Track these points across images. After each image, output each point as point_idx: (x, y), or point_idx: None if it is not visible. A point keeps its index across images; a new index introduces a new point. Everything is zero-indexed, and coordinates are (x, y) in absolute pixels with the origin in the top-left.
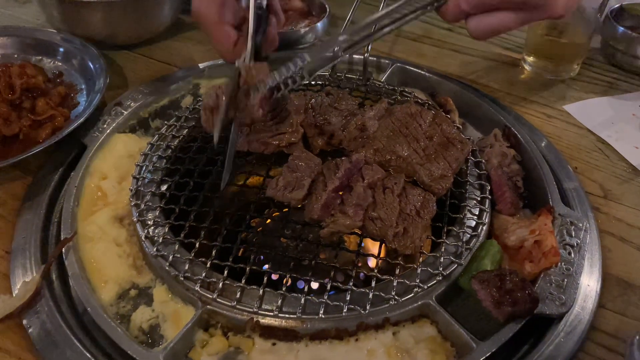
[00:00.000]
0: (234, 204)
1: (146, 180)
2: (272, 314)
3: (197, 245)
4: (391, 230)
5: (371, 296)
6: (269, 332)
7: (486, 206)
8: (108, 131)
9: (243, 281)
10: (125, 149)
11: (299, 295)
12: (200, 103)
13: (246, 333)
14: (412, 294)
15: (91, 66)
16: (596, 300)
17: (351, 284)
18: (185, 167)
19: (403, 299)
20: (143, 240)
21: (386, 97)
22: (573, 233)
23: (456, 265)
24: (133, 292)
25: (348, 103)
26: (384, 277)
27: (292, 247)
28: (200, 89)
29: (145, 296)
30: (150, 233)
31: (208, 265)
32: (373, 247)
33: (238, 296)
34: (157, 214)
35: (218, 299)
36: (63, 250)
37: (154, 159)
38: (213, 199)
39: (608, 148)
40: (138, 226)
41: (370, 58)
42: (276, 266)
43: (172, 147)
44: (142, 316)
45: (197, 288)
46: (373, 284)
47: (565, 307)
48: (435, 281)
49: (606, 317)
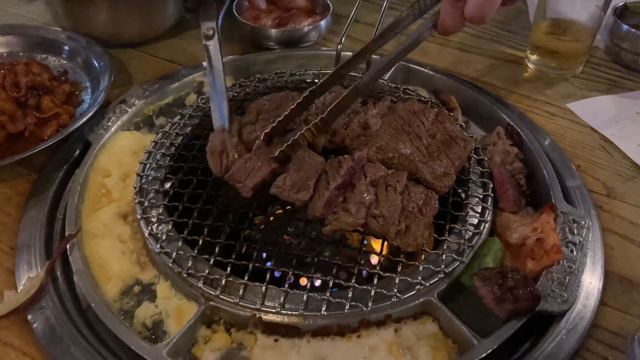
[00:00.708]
0: (237, 201)
1: (150, 177)
2: (275, 311)
3: (201, 242)
4: (393, 227)
5: (373, 293)
6: (272, 329)
7: (488, 204)
8: (112, 129)
9: (246, 278)
10: (129, 147)
11: (302, 292)
12: (203, 100)
13: (249, 329)
14: (414, 291)
15: (96, 64)
16: (598, 297)
17: (353, 281)
18: (188, 165)
19: (405, 296)
20: (147, 237)
21: (389, 95)
22: (575, 231)
23: (458, 262)
24: (137, 288)
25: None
26: (386, 274)
27: (295, 245)
28: (204, 87)
29: (148, 292)
30: (154, 230)
31: (211, 262)
32: (375, 245)
33: (241, 293)
34: (161, 211)
35: (221, 296)
36: (67, 246)
37: (158, 157)
38: (216, 197)
39: (611, 146)
40: (142, 223)
41: (373, 56)
42: (279, 263)
43: (176, 145)
44: (146, 312)
45: (200, 285)
46: (375, 281)
47: (567, 305)
48: (437, 278)
49: (608, 315)
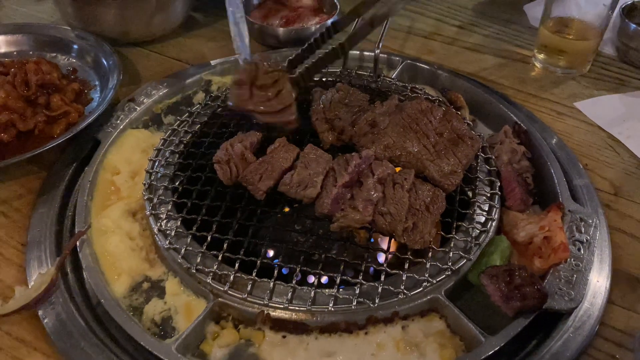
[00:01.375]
0: (245, 198)
1: (159, 174)
2: (283, 307)
3: (209, 238)
4: (401, 225)
5: (380, 290)
6: (280, 325)
7: (496, 202)
8: (121, 127)
9: (254, 274)
10: (138, 145)
11: (309, 288)
12: (211, 98)
13: (257, 325)
14: (421, 289)
15: (105, 63)
16: (605, 296)
17: (361, 278)
18: (197, 162)
19: (412, 293)
20: (156, 233)
21: (397, 94)
22: (583, 229)
23: (465, 260)
24: (146, 285)
25: (358, 99)
26: (393, 272)
27: (303, 242)
28: (211, 85)
29: (157, 289)
30: (162, 226)
31: (220, 258)
32: (383, 242)
33: (249, 289)
34: (170, 208)
35: (229, 292)
36: (77, 243)
37: (167, 154)
38: (225, 193)
39: (619, 145)
40: (151, 220)
41: (381, 55)
42: (287, 260)
43: (185, 143)
44: (155, 308)
45: (209, 281)
46: (382, 278)
47: (574, 303)
48: (444, 276)
49: (616, 313)
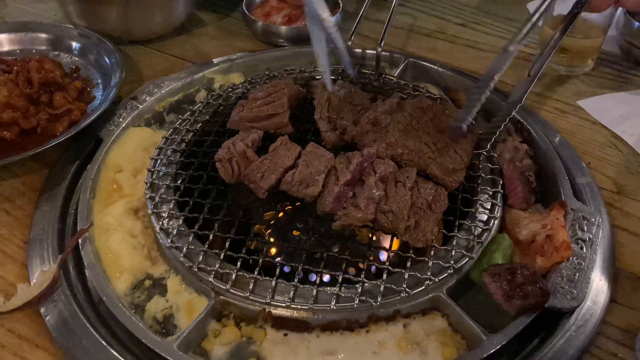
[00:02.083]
0: (247, 197)
1: (161, 173)
2: (284, 305)
3: (211, 237)
4: (403, 223)
5: (382, 288)
6: (281, 323)
7: (498, 200)
8: (123, 125)
9: (256, 272)
10: (140, 143)
11: (311, 286)
12: (213, 97)
13: (258, 323)
14: (423, 287)
15: (107, 61)
16: (608, 294)
17: (362, 277)
18: (199, 161)
19: (414, 292)
20: (158, 231)
21: (399, 92)
22: (585, 228)
23: (467, 258)
24: (148, 283)
25: (361, 98)
26: (395, 270)
27: (305, 240)
28: (214, 84)
29: (159, 287)
30: (164, 225)
31: (221, 256)
32: (385, 240)
33: (251, 287)
34: (172, 207)
35: (231, 290)
36: (79, 240)
37: (169, 153)
38: (227, 192)
39: (622, 143)
40: (153, 218)
41: (383, 53)
42: (289, 258)
43: (187, 141)
44: (157, 306)
45: (211, 279)
46: (384, 277)
47: (576, 301)
48: (446, 274)
49: (618, 312)
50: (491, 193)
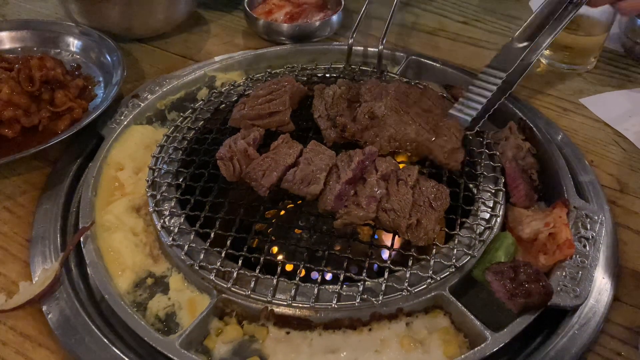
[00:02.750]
0: (249, 195)
1: (162, 171)
2: (286, 303)
3: (212, 235)
4: (404, 221)
5: (384, 287)
6: (283, 321)
7: (500, 199)
8: (125, 123)
9: (257, 271)
10: (142, 141)
11: (313, 285)
12: (214, 95)
13: (260, 322)
14: (425, 285)
15: (109, 59)
16: (611, 293)
17: (364, 275)
18: (200, 159)
19: (416, 290)
20: (159, 230)
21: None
22: (588, 226)
23: (469, 257)
24: (149, 281)
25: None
26: (397, 268)
27: (306, 238)
28: (215, 82)
29: (161, 285)
30: (166, 223)
31: (223, 254)
32: (386, 239)
33: (252, 285)
34: (173, 205)
35: (233, 288)
36: (81, 238)
37: (170, 151)
38: (228, 190)
39: (625, 141)
40: (154, 216)
41: (385, 51)
42: (290, 256)
43: (188, 139)
44: (159, 304)
45: (212, 277)
46: (386, 275)
47: (579, 300)
48: (448, 272)
49: (621, 310)
50: (493, 191)
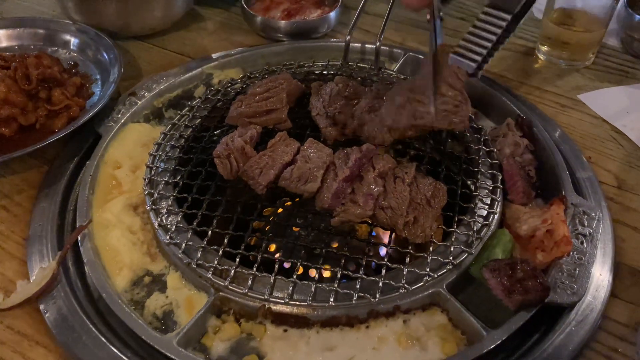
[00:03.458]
0: (246, 193)
1: (159, 169)
2: (283, 301)
3: (210, 233)
4: (401, 219)
5: (381, 284)
6: (281, 319)
7: (498, 195)
8: (122, 121)
9: (254, 269)
10: (139, 139)
11: (310, 283)
12: (212, 92)
13: (258, 320)
14: (422, 283)
15: (106, 57)
16: (608, 289)
17: (361, 273)
18: (197, 157)
19: (413, 288)
20: (157, 228)
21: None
22: (586, 222)
23: (467, 254)
24: (147, 279)
25: (358, 92)
26: (394, 266)
27: (304, 236)
28: (212, 79)
29: (159, 283)
30: (163, 221)
31: (220, 253)
32: (384, 236)
33: (250, 283)
34: (170, 203)
35: (230, 286)
36: (78, 237)
37: (167, 149)
38: (225, 188)
39: (623, 138)
40: (152, 214)
41: (382, 47)
42: (287, 254)
43: (185, 137)
44: (156, 302)
45: (210, 275)
46: (383, 273)
47: (576, 296)
48: (445, 270)
49: (618, 307)
50: (491, 188)
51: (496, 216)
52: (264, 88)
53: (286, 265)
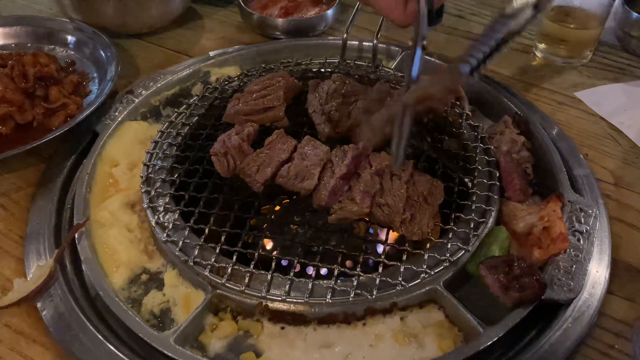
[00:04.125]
0: (243, 191)
1: (157, 167)
2: (281, 299)
3: (207, 231)
4: (398, 216)
5: (378, 282)
6: (278, 316)
7: (495, 193)
8: (119, 119)
9: (252, 266)
10: (136, 137)
11: (307, 280)
12: (209, 90)
13: (255, 317)
14: (419, 280)
15: (103, 55)
16: (605, 286)
17: (359, 270)
18: (195, 154)
19: (410, 285)
20: (154, 226)
21: (395, 84)
22: (582, 220)
23: (464, 251)
24: (144, 277)
25: (355, 90)
26: (391, 263)
27: (301, 234)
28: (210, 77)
29: (156, 281)
30: (160, 219)
31: (217, 250)
32: (381, 234)
33: (247, 281)
34: (168, 201)
35: (227, 284)
36: (76, 235)
37: (165, 147)
38: (222, 186)
39: (620, 135)
40: (149, 212)
41: (380, 45)
42: (285, 252)
43: (182, 135)
44: (153, 300)
45: (207, 273)
46: (380, 270)
47: (573, 293)
48: (442, 267)
49: (615, 303)
50: (488, 185)
51: (493, 213)
52: (261, 86)
53: (283, 262)
